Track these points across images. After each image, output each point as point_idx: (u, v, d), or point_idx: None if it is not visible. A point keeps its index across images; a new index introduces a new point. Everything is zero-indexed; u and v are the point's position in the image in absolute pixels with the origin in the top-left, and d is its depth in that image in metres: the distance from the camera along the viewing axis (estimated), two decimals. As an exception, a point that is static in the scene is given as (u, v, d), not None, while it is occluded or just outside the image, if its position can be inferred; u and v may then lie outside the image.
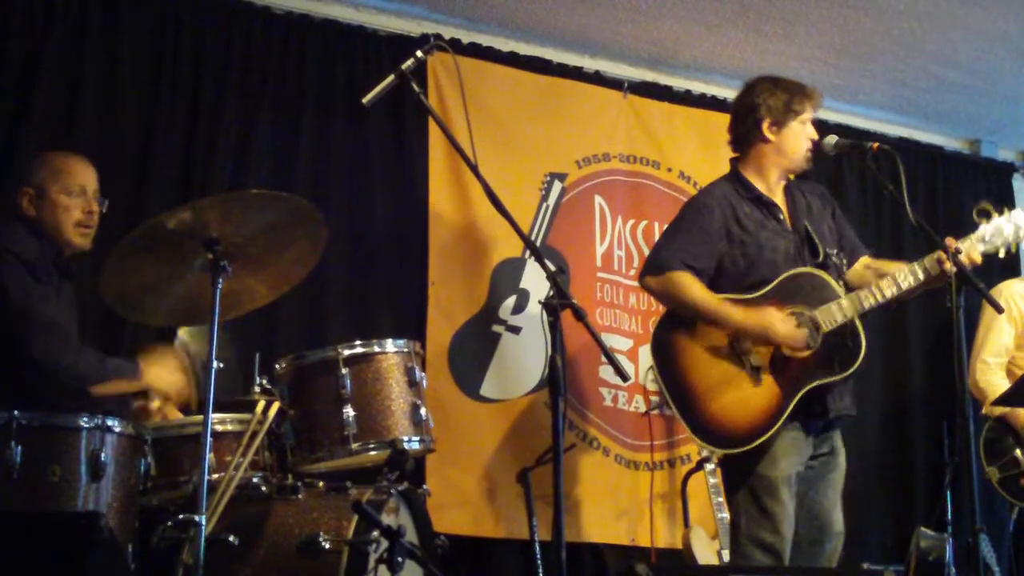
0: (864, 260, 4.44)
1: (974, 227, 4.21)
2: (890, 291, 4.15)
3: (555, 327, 3.26)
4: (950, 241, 4.09)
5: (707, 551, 5.26)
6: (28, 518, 3.03)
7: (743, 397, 4.11)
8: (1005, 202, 7.15)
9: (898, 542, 5.87)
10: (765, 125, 4.33)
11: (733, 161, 4.45)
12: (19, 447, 3.16)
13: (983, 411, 5.44)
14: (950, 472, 5.36)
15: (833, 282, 4.20)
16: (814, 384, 4.10)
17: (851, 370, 4.12)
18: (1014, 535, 5.75)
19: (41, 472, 3.21)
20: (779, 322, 4.10)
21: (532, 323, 5.60)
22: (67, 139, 4.83)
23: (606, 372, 5.72)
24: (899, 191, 3.94)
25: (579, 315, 3.28)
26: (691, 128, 6.27)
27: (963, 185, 7.02)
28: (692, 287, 4.17)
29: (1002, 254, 4.24)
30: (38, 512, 3.16)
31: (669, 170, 6.18)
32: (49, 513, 3.15)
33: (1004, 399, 5.12)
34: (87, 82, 4.97)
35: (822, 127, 6.29)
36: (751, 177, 4.37)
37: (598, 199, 5.98)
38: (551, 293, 3.29)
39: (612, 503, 5.65)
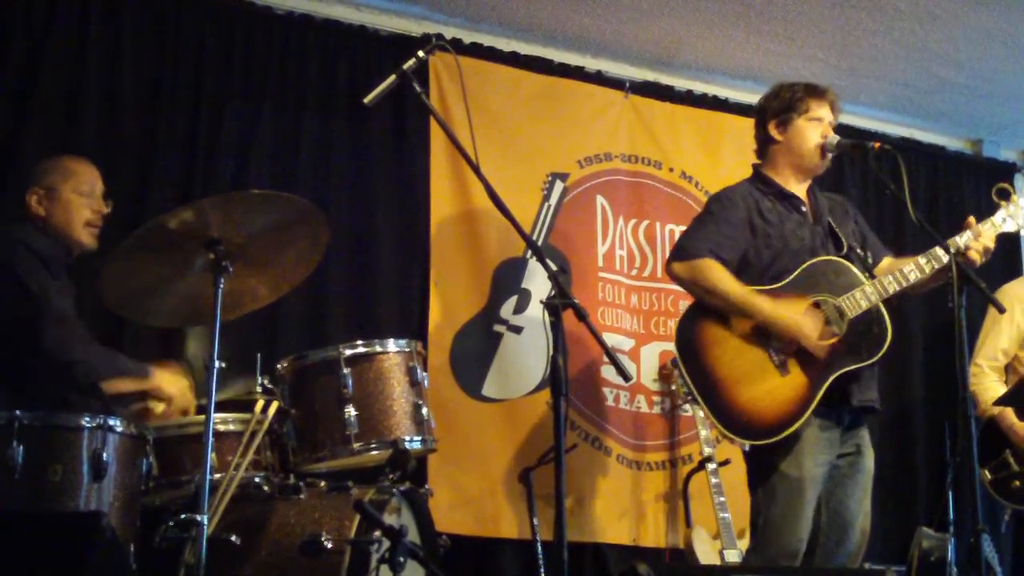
0: (888, 259, 4.46)
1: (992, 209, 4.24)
2: (913, 276, 4.16)
3: (557, 327, 3.25)
4: (971, 221, 4.17)
5: (709, 551, 5.27)
6: (30, 518, 3.03)
7: (771, 387, 4.10)
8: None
9: (900, 542, 5.87)
10: (771, 126, 4.39)
11: (755, 166, 4.50)
12: (21, 447, 3.17)
13: (975, 412, 5.44)
14: (952, 472, 5.35)
15: (855, 269, 4.21)
16: (842, 371, 4.10)
17: (878, 355, 4.12)
18: (1005, 537, 5.75)
19: (43, 472, 3.22)
20: (809, 324, 4.10)
21: (534, 323, 5.59)
22: (68, 139, 4.84)
23: (608, 372, 5.71)
24: (901, 191, 3.94)
25: (581, 315, 3.28)
26: (693, 128, 6.28)
27: (965, 185, 7.02)
28: (722, 275, 4.18)
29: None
30: (40, 512, 3.16)
31: (671, 170, 6.18)
32: (51, 513, 3.16)
33: (1005, 400, 5.14)
34: (88, 82, 4.97)
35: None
36: (771, 176, 4.42)
37: (600, 199, 5.97)
38: (553, 293, 3.29)
39: (614, 503, 5.64)
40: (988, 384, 5.42)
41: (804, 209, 4.37)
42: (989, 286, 3.98)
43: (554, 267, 3.37)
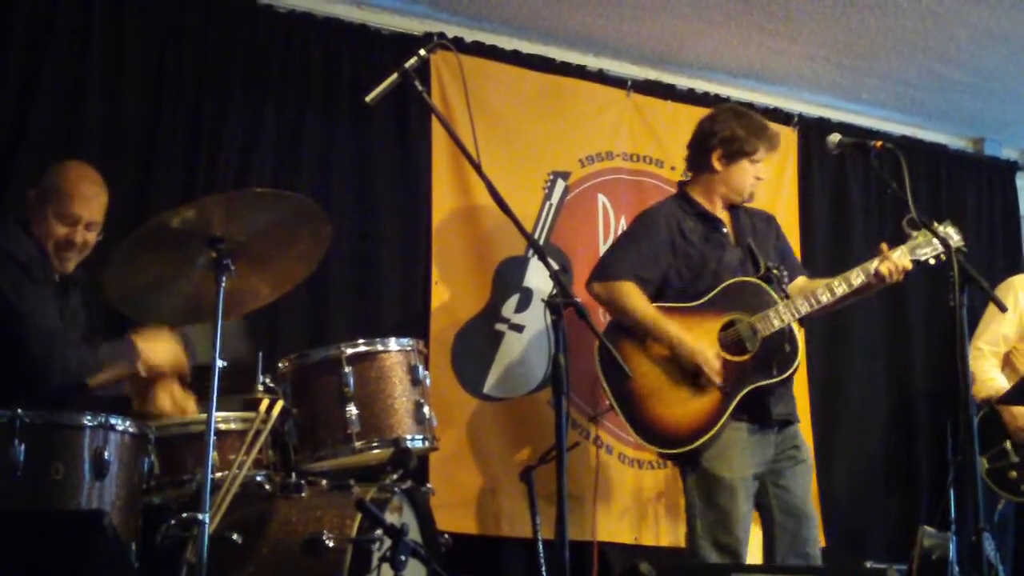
0: (802, 279, 4.61)
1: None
2: (824, 297, 4.34)
3: (558, 326, 3.26)
4: (883, 247, 4.38)
5: (710, 550, 5.26)
6: (31, 516, 3.02)
7: (684, 400, 4.30)
8: (1008, 201, 7.16)
9: (901, 540, 5.87)
10: (715, 156, 4.52)
11: (681, 184, 4.68)
12: (22, 445, 3.17)
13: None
14: (953, 470, 5.36)
15: (771, 290, 4.38)
16: (752, 387, 4.27)
17: (787, 373, 4.31)
18: (999, 525, 5.75)
19: (44, 470, 3.21)
20: (709, 353, 4.27)
21: (535, 321, 5.59)
22: (71, 137, 4.84)
23: (609, 371, 5.71)
24: (902, 190, 3.95)
25: (582, 314, 3.29)
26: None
27: (966, 184, 7.02)
28: (635, 298, 4.38)
29: (932, 262, 4.35)
30: (41, 510, 3.16)
31: (672, 169, 6.16)
32: (52, 512, 3.15)
33: (1007, 398, 5.15)
34: (91, 80, 4.97)
35: (825, 125, 6.35)
36: (697, 197, 4.57)
37: (601, 197, 5.98)
38: (554, 291, 3.30)
39: (615, 501, 5.65)
40: (986, 367, 5.46)
41: (725, 230, 4.54)
42: (991, 282, 3.99)
43: (555, 266, 3.39)
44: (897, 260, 4.35)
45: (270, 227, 3.50)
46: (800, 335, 4.40)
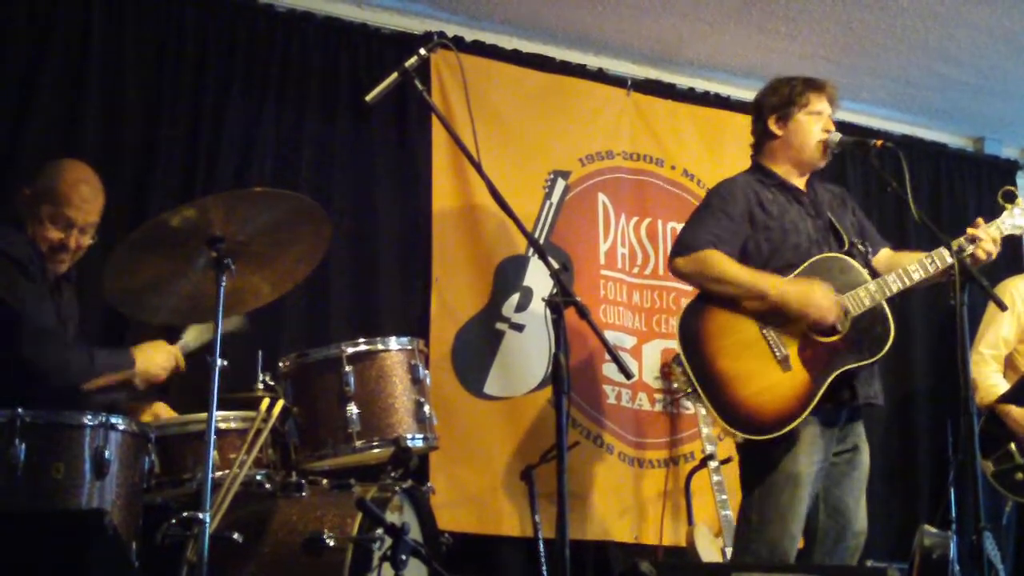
0: (885, 252, 4.45)
1: (990, 217, 4.25)
2: (917, 275, 4.15)
3: (559, 325, 3.26)
4: (979, 222, 4.18)
5: (711, 548, 5.26)
6: (32, 516, 3.02)
7: (773, 383, 4.07)
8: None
9: (902, 540, 5.87)
10: (771, 121, 4.36)
11: (754, 157, 4.47)
12: (23, 445, 3.16)
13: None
14: (954, 469, 5.36)
15: (859, 266, 4.20)
16: (845, 368, 4.08)
17: (880, 354, 4.12)
18: (1006, 529, 5.76)
19: (45, 470, 3.21)
20: (820, 293, 4.08)
21: (536, 321, 5.59)
22: (70, 137, 4.84)
23: (610, 370, 5.71)
24: (903, 189, 3.94)
25: (583, 313, 3.28)
26: (694, 126, 6.28)
27: (966, 183, 7.02)
28: (725, 262, 4.15)
29: (1019, 233, 4.27)
30: (42, 510, 3.16)
31: (673, 168, 6.18)
32: (53, 511, 3.15)
33: (1007, 398, 5.15)
34: (90, 79, 4.97)
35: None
36: (772, 168, 4.39)
37: (602, 197, 5.97)
38: (555, 291, 3.30)
39: (616, 501, 5.64)
40: (988, 372, 5.46)
41: (805, 201, 4.35)
42: (991, 281, 3.98)
43: (556, 265, 3.37)
44: (987, 233, 4.16)
45: (270, 226, 3.50)
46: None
